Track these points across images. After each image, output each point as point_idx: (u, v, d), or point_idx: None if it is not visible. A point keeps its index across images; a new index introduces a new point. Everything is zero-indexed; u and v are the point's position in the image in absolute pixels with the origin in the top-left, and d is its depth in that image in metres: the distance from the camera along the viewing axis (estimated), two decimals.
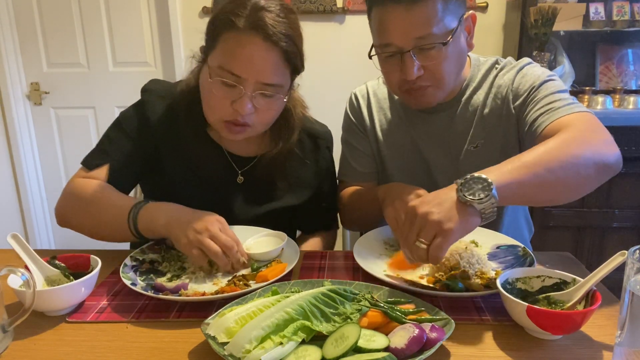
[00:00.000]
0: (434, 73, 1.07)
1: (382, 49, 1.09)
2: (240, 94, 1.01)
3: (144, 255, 1.02)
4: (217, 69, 1.01)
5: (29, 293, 0.75)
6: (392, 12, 1.03)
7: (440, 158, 1.23)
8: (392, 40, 1.05)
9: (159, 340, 0.78)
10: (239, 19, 0.99)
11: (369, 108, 1.31)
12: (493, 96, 1.19)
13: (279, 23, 1.00)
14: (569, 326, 0.75)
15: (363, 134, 1.32)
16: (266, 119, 1.08)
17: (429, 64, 1.06)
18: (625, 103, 2.39)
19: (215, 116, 1.06)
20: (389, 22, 1.04)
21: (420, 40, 1.03)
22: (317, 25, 2.69)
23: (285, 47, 1.01)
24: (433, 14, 1.01)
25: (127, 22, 2.77)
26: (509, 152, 1.16)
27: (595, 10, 2.45)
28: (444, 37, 1.04)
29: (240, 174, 1.20)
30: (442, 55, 1.05)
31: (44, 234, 3.10)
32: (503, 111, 1.17)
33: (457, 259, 0.94)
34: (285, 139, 1.17)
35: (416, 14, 1.01)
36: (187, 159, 1.16)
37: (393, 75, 1.11)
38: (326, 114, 1.42)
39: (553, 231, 2.47)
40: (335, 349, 0.68)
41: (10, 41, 2.79)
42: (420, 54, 1.05)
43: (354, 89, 1.37)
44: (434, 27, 1.02)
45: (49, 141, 2.98)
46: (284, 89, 1.06)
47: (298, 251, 1.03)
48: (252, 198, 1.21)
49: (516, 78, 1.16)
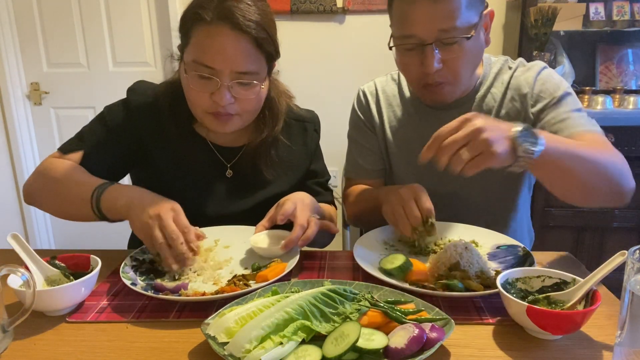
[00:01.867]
0: (452, 68, 1.08)
1: (402, 40, 1.08)
2: (217, 86, 1.03)
3: (144, 255, 1.02)
4: (192, 64, 1.03)
5: (29, 293, 0.75)
6: (417, 3, 1.02)
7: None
8: (415, 31, 1.05)
9: (159, 340, 0.78)
10: (206, 11, 1.00)
11: (377, 105, 1.31)
12: (510, 97, 1.19)
13: (247, 11, 1.01)
14: (569, 326, 0.75)
15: (371, 132, 1.32)
16: (249, 106, 1.09)
17: (448, 59, 1.06)
18: (625, 103, 2.39)
19: (198, 110, 1.08)
20: (413, 13, 1.04)
21: (444, 33, 1.03)
22: (317, 25, 2.69)
23: (255, 34, 1.01)
24: (458, 7, 1.02)
25: (127, 22, 2.77)
26: None
27: (595, 10, 2.45)
28: (466, 31, 1.04)
29: (229, 168, 1.21)
30: (462, 50, 1.06)
31: (44, 234, 3.10)
32: (521, 114, 1.18)
33: (457, 259, 0.94)
34: (270, 128, 1.19)
35: (441, 6, 1.01)
36: (175, 155, 1.17)
37: (412, 68, 1.10)
38: (326, 113, 1.42)
39: (553, 231, 2.46)
40: (335, 347, 0.68)
41: (10, 41, 2.79)
42: (441, 47, 1.05)
43: (361, 85, 1.37)
44: (457, 21, 1.02)
45: (49, 141, 2.98)
46: (260, 75, 1.07)
47: (298, 251, 1.03)
48: (242, 190, 1.22)
49: (536, 83, 1.17)
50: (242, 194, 1.22)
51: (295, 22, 2.67)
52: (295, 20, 2.67)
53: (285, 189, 1.24)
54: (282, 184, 1.24)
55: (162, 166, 1.18)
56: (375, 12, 2.64)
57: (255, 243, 1.03)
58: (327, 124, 1.33)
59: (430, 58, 1.05)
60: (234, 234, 1.12)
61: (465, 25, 1.04)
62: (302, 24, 2.68)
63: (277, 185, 1.24)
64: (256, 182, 1.22)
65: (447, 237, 1.12)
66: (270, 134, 1.19)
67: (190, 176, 1.18)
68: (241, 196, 1.22)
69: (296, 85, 1.31)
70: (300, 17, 2.65)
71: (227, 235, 1.12)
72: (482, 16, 1.08)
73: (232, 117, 1.08)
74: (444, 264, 0.95)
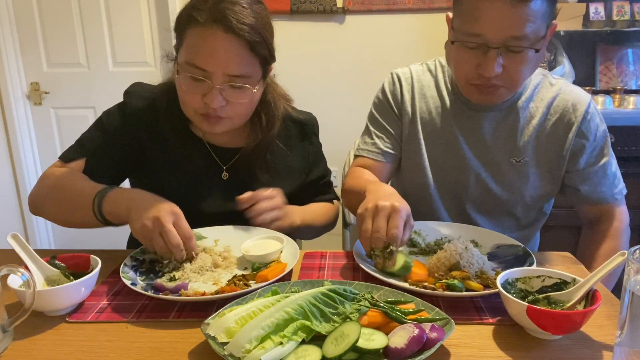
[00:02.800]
0: (512, 75, 1.05)
1: (466, 37, 1.04)
2: (209, 88, 1.02)
3: (144, 255, 1.02)
4: (185, 65, 1.03)
5: (29, 293, 0.75)
6: (494, 3, 0.98)
7: (477, 159, 1.22)
8: (484, 32, 1.01)
9: (159, 340, 0.78)
10: (201, 13, 1.00)
11: (411, 93, 1.27)
12: (555, 121, 1.19)
13: (241, 14, 1.00)
14: (569, 326, 0.75)
15: (397, 118, 1.28)
16: (240, 110, 1.08)
17: (510, 66, 1.03)
18: (625, 103, 2.39)
19: (189, 110, 1.08)
20: (486, 12, 0.99)
21: (513, 39, 1.00)
22: (317, 25, 2.69)
23: (249, 37, 1.00)
24: (533, 17, 0.98)
25: (127, 22, 2.77)
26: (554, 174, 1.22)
27: (595, 10, 2.45)
28: (535, 42, 1.02)
29: (225, 170, 1.21)
30: (526, 59, 1.03)
31: (44, 234, 3.09)
32: (565, 144, 1.19)
33: (457, 259, 0.94)
34: (265, 132, 1.18)
35: (518, 12, 0.97)
36: (172, 156, 1.17)
37: (467, 65, 1.07)
38: (325, 113, 1.42)
39: (553, 231, 2.46)
40: (335, 347, 0.68)
41: (10, 41, 2.79)
42: (505, 53, 1.02)
43: (394, 69, 1.32)
44: (530, 30, 0.99)
45: (49, 141, 2.97)
46: (253, 79, 1.06)
47: (298, 251, 1.03)
48: (237, 192, 1.21)
49: (584, 121, 1.18)
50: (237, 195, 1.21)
51: (295, 22, 2.67)
52: (295, 20, 2.67)
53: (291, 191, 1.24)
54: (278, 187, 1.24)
55: (159, 166, 1.18)
56: (375, 12, 2.64)
57: (246, 251, 1.02)
58: (327, 123, 1.33)
59: (491, 62, 1.02)
60: (234, 234, 1.12)
61: (535, 36, 1.01)
62: (301, 24, 2.68)
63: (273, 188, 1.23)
64: (252, 185, 1.21)
65: (447, 237, 1.12)
66: (266, 137, 1.19)
67: (186, 177, 1.18)
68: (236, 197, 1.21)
69: (296, 85, 1.31)
70: (300, 17, 2.65)
71: (227, 235, 1.12)
72: (549, 27, 1.06)
73: (223, 119, 1.07)
74: (444, 264, 0.95)
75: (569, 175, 1.22)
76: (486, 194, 1.24)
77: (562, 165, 1.21)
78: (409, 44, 2.63)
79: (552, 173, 1.22)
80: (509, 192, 1.23)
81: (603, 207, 1.24)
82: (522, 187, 1.22)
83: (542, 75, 1.24)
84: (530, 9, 0.98)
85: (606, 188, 1.22)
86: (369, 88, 1.44)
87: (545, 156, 1.20)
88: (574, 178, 1.22)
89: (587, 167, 1.20)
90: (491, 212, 1.26)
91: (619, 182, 1.24)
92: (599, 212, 1.26)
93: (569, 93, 1.21)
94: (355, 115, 1.40)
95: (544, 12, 1.00)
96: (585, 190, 1.22)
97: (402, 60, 2.66)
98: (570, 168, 1.21)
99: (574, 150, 1.19)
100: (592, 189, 1.22)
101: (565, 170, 1.21)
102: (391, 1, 2.62)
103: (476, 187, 1.24)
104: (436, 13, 2.59)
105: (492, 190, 1.23)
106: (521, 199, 1.23)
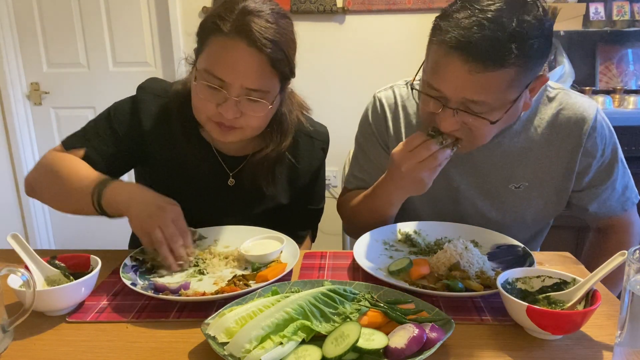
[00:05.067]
0: (472, 133, 0.98)
1: (427, 88, 0.98)
2: (224, 98, 1.01)
3: (144, 255, 1.02)
4: (203, 72, 1.01)
5: (29, 293, 0.75)
6: (454, 64, 0.90)
7: (473, 188, 1.17)
8: (442, 89, 0.94)
9: (159, 340, 0.78)
10: (225, 23, 0.98)
11: (395, 120, 1.21)
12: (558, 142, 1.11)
13: (266, 29, 0.98)
14: (569, 326, 0.75)
15: (381, 146, 1.23)
16: (254, 123, 1.06)
17: (470, 125, 0.96)
18: (625, 103, 2.39)
19: (202, 116, 1.07)
20: (445, 71, 0.92)
21: (471, 103, 0.93)
22: (317, 25, 2.69)
23: (271, 53, 0.98)
24: (498, 86, 0.90)
25: (127, 22, 2.77)
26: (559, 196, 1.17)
27: (595, 10, 2.45)
28: (497, 107, 0.93)
29: (231, 176, 1.20)
30: (487, 123, 0.95)
31: (44, 234, 3.09)
32: (571, 165, 1.13)
33: (457, 259, 0.94)
34: (276, 142, 1.15)
35: (481, 80, 0.89)
36: (178, 158, 1.16)
37: (429, 115, 1.00)
38: (325, 113, 1.41)
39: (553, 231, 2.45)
40: (335, 347, 0.68)
41: (10, 41, 2.79)
42: (464, 112, 0.94)
43: (377, 91, 1.26)
44: (492, 98, 0.91)
45: (49, 141, 2.97)
46: (270, 95, 1.04)
47: (298, 251, 1.03)
48: (243, 199, 1.21)
49: (589, 139, 1.11)
50: (242, 203, 1.21)
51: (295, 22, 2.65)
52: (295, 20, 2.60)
53: (285, 203, 1.24)
54: (282, 198, 1.24)
55: (164, 167, 1.18)
56: (375, 12, 2.64)
57: (246, 251, 1.02)
58: (327, 123, 1.32)
59: (447, 119, 0.95)
60: (234, 234, 1.12)
61: (499, 102, 0.93)
62: (302, 24, 2.66)
63: (278, 198, 1.23)
64: (258, 192, 1.21)
65: (447, 237, 1.12)
66: (276, 149, 1.15)
67: (191, 180, 1.18)
68: (241, 205, 1.21)
69: (295, 85, 1.31)
70: (300, 17, 2.64)
71: (227, 235, 1.12)
72: (531, 83, 0.96)
73: (235, 129, 1.05)
74: (444, 264, 0.95)
75: (577, 194, 1.18)
76: (486, 222, 1.17)
77: (568, 186, 1.15)
78: (409, 44, 2.63)
79: (558, 195, 1.17)
80: (510, 216, 1.19)
81: (612, 219, 1.21)
82: (523, 212, 1.18)
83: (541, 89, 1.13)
84: (495, 79, 0.89)
85: (614, 202, 1.18)
86: (369, 88, 1.43)
87: (550, 179, 1.14)
88: (582, 197, 1.18)
89: (594, 186, 1.15)
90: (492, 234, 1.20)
91: (630, 192, 1.19)
92: (609, 223, 1.22)
93: (571, 107, 1.12)
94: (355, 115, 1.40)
95: (516, 79, 0.90)
96: (594, 208, 1.18)
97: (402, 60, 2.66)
98: (577, 187, 1.16)
99: (580, 170, 1.13)
100: (600, 205, 1.18)
101: (572, 189, 1.16)
102: (391, 1, 2.62)
103: (474, 216, 1.19)
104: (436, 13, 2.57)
105: (491, 219, 1.19)
106: (523, 221, 1.19)
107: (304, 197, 1.29)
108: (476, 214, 1.19)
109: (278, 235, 1.08)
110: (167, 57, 2.77)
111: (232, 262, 1.02)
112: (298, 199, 1.27)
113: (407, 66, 1.41)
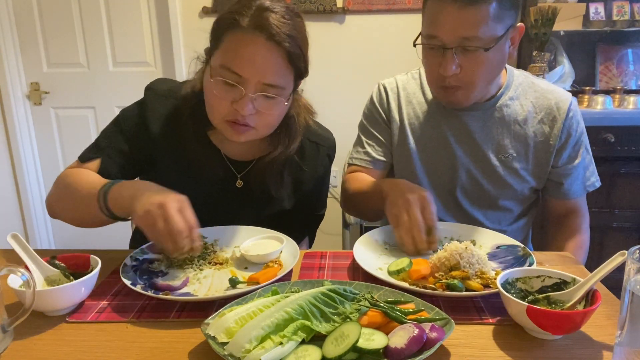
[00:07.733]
0: (468, 75, 1.12)
1: (427, 39, 1.14)
2: (241, 95, 1.00)
3: (144, 255, 1.02)
4: (219, 68, 1.01)
5: (29, 293, 0.75)
6: (446, 8, 1.07)
7: (467, 156, 1.28)
8: (439, 34, 1.09)
9: (159, 340, 0.78)
10: (243, 18, 0.99)
11: (397, 101, 1.34)
12: (540, 119, 1.26)
13: (283, 24, 1.00)
14: (569, 326, 0.75)
15: (386, 125, 1.35)
16: (268, 121, 1.06)
17: (466, 65, 1.11)
18: (625, 103, 2.39)
19: (216, 116, 1.05)
20: (440, 17, 1.08)
21: (465, 40, 1.08)
22: (317, 25, 2.69)
23: (289, 47, 1.00)
24: (483, 18, 1.06)
25: (127, 22, 2.77)
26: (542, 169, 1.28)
27: (595, 10, 2.45)
28: (488, 42, 1.08)
29: (239, 178, 1.20)
30: (481, 59, 1.10)
31: (44, 234, 3.10)
32: (550, 140, 1.26)
33: (457, 259, 0.94)
34: (284, 145, 1.15)
35: (467, 15, 1.06)
36: (185, 161, 1.16)
37: (432, 68, 1.16)
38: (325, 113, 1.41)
39: None
40: (335, 347, 0.68)
41: (10, 41, 2.79)
42: (461, 53, 1.10)
43: (381, 80, 1.39)
44: (480, 31, 1.07)
45: (49, 141, 2.98)
46: (286, 91, 1.05)
47: (298, 251, 1.03)
48: (250, 201, 1.20)
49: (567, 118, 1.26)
50: (250, 205, 1.21)
51: None
52: None
53: (288, 208, 1.24)
54: (289, 201, 1.24)
55: (171, 169, 1.17)
56: (375, 12, 2.64)
57: (246, 251, 1.02)
58: (326, 123, 1.32)
59: (448, 61, 1.10)
60: (234, 234, 1.12)
61: (489, 36, 1.08)
62: None
63: (285, 202, 1.23)
64: (266, 195, 1.20)
65: (447, 237, 1.12)
66: (284, 152, 1.15)
67: (199, 182, 1.17)
68: (249, 208, 1.21)
69: None
70: None
71: (227, 235, 1.12)
72: (509, 30, 1.11)
73: (249, 128, 1.05)
74: (444, 264, 0.95)
75: (555, 170, 1.29)
76: (479, 190, 1.29)
77: (549, 161, 1.28)
78: (409, 44, 2.62)
79: (540, 168, 1.28)
80: (500, 187, 1.29)
81: (572, 201, 1.33)
82: (512, 182, 1.28)
83: (524, 76, 1.31)
84: (479, 11, 1.06)
85: (580, 182, 1.32)
86: (368, 88, 1.44)
87: (534, 152, 1.27)
88: (559, 173, 1.30)
89: (569, 162, 1.29)
90: (486, 206, 1.31)
91: (591, 174, 1.33)
92: (569, 207, 1.34)
93: (552, 92, 1.29)
94: (355, 115, 1.40)
95: (496, 14, 1.07)
96: (567, 184, 1.30)
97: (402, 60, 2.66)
98: (555, 163, 1.28)
99: (560, 146, 1.27)
100: (571, 182, 1.30)
101: (551, 165, 1.28)
102: (391, 1, 2.62)
103: (468, 182, 1.30)
104: None
105: (483, 186, 1.29)
106: (513, 193, 1.30)
107: (306, 203, 1.28)
108: (470, 180, 1.29)
109: (278, 235, 1.08)
110: (167, 57, 2.76)
111: (232, 262, 1.02)
112: (300, 204, 1.27)
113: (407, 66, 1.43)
